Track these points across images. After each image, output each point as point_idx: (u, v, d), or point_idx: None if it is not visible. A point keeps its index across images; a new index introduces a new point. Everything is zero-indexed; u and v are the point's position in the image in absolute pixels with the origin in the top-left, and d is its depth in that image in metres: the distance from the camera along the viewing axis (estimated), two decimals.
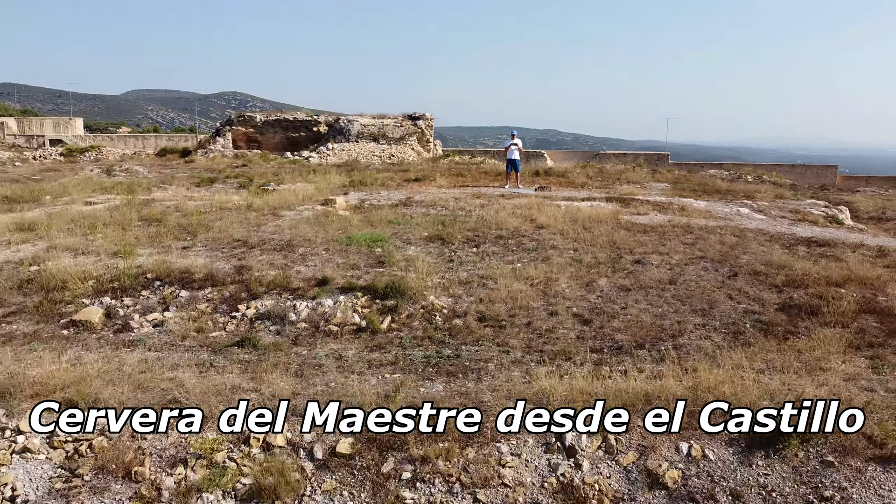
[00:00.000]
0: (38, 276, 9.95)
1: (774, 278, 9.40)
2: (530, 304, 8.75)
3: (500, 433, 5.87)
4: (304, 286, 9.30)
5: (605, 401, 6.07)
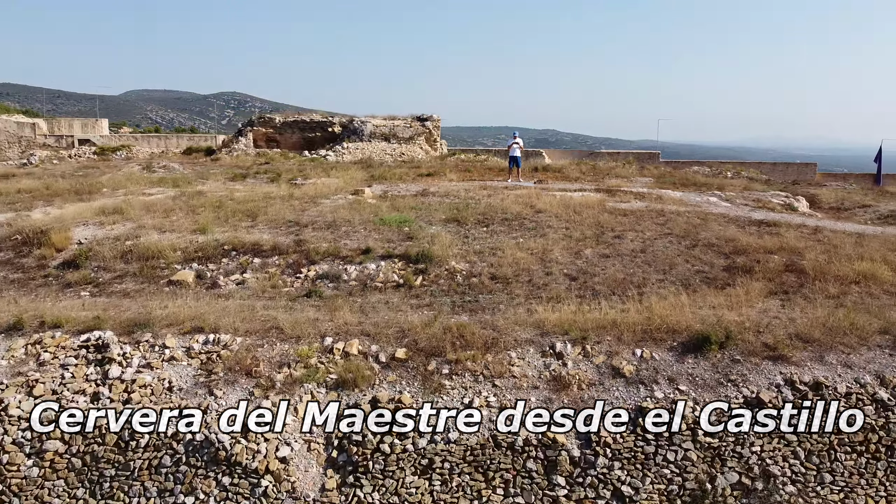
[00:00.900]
0: (135, 248, 12.38)
1: (724, 248, 11.87)
2: (530, 267, 11.20)
3: (511, 344, 8.33)
4: (351, 254, 11.74)
5: (585, 325, 8.53)
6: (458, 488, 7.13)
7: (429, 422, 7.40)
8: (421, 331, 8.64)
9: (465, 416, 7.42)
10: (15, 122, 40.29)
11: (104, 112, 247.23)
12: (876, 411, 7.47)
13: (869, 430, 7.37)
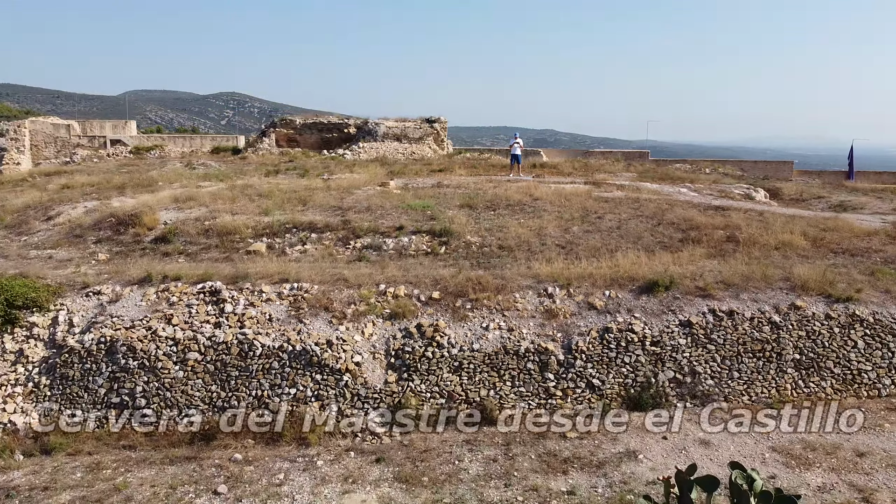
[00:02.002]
0: (213, 227, 15.52)
1: (682, 226, 15.03)
2: (529, 239, 14.35)
3: (515, 288, 11.48)
4: (388, 230, 14.90)
5: (569, 275, 11.69)
6: (479, 381, 10.29)
7: (458, 338, 10.55)
8: (449, 280, 11.80)
9: (483, 334, 10.57)
10: (51, 123, 43.31)
11: (104, 112, 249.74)
12: (771, 330, 10.64)
13: (764, 341, 10.53)
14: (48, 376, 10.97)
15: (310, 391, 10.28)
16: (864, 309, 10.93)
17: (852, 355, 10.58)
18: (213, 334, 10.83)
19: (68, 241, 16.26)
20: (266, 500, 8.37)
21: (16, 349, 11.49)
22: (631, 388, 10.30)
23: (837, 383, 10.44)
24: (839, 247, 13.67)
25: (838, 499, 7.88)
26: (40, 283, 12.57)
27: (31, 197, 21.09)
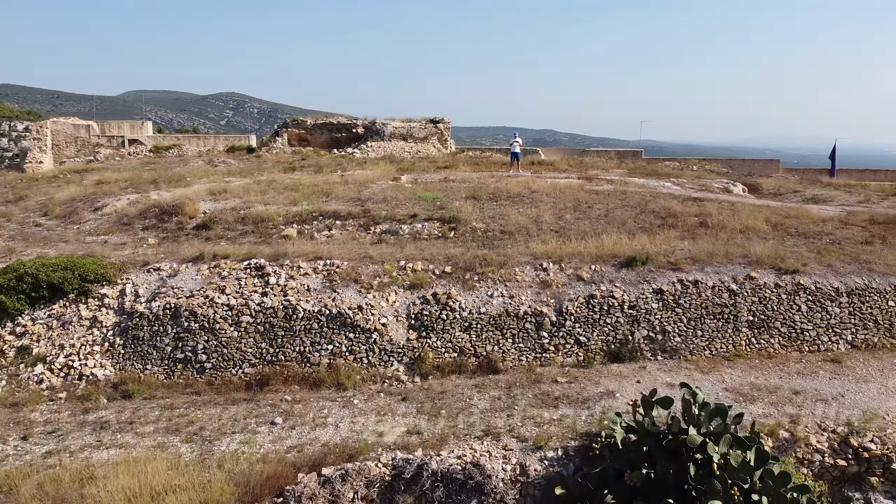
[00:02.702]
0: (248, 215, 17.58)
1: (661, 213, 17.10)
2: (528, 225, 16.41)
3: (515, 263, 13.55)
4: (403, 218, 16.96)
5: (561, 253, 13.76)
6: (485, 339, 12.34)
7: (467, 304, 12.60)
8: (459, 257, 13.86)
9: (488, 300, 12.63)
10: (72, 124, 45.33)
11: (103, 113, 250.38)
12: (729, 296, 12.70)
13: (723, 306, 12.60)
14: (121, 337, 13.03)
15: (344, 347, 12.34)
16: (808, 279, 13.00)
17: (797, 317, 12.65)
18: (261, 301, 12.89)
19: (118, 228, 18.32)
20: (315, 427, 10.43)
21: (90, 316, 13.55)
22: (612, 344, 12.36)
23: (784, 340, 12.51)
24: (796, 231, 15.76)
25: (772, 421, 9.93)
26: (107, 261, 14.64)
27: (72, 191, 23.13)
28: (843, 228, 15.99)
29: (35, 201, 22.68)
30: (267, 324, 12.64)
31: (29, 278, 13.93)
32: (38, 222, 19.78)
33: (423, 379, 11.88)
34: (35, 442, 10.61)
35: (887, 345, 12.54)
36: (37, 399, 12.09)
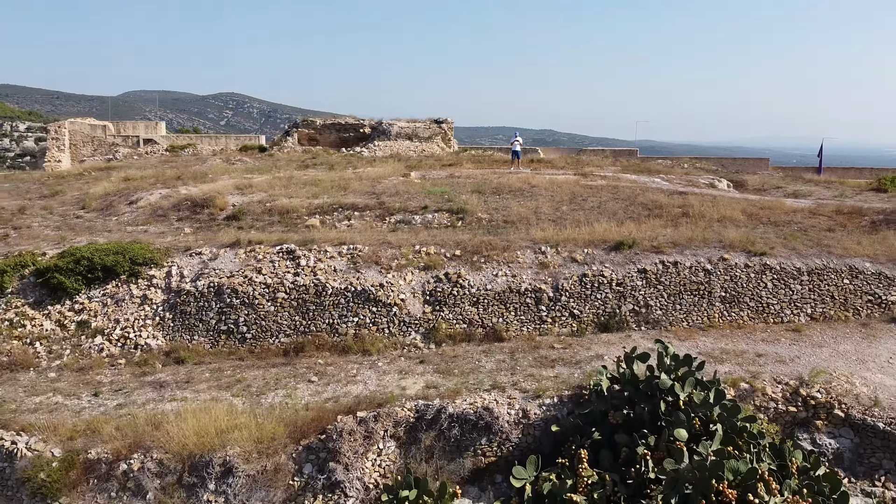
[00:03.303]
0: (273, 207, 19.35)
1: (649, 205, 18.89)
2: (528, 216, 18.20)
3: (517, 248, 15.35)
4: (415, 209, 18.75)
5: (557, 238, 15.56)
6: (491, 311, 14.14)
7: (475, 282, 14.39)
8: (467, 242, 15.66)
9: (493, 279, 14.42)
10: (89, 124, 47.07)
11: (103, 113, 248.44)
12: (704, 275, 14.50)
13: (697, 282, 14.40)
14: (170, 312, 14.81)
15: (368, 319, 14.12)
16: (774, 261, 14.80)
17: (763, 293, 14.45)
18: (293, 280, 14.67)
19: (154, 219, 20.11)
20: (346, 384, 12.21)
21: (140, 294, 15.34)
22: (601, 317, 14.15)
23: (752, 313, 14.31)
24: (768, 220, 17.56)
25: (736, 376, 11.71)
26: (153, 246, 16.43)
27: (104, 187, 24.91)
28: (810, 218, 17.80)
29: (70, 196, 24.45)
30: (300, 299, 14.42)
31: (85, 262, 15.72)
32: (79, 214, 21.56)
33: (438, 346, 13.67)
34: (105, 398, 12.39)
35: (842, 317, 14.33)
36: (100, 364, 13.87)
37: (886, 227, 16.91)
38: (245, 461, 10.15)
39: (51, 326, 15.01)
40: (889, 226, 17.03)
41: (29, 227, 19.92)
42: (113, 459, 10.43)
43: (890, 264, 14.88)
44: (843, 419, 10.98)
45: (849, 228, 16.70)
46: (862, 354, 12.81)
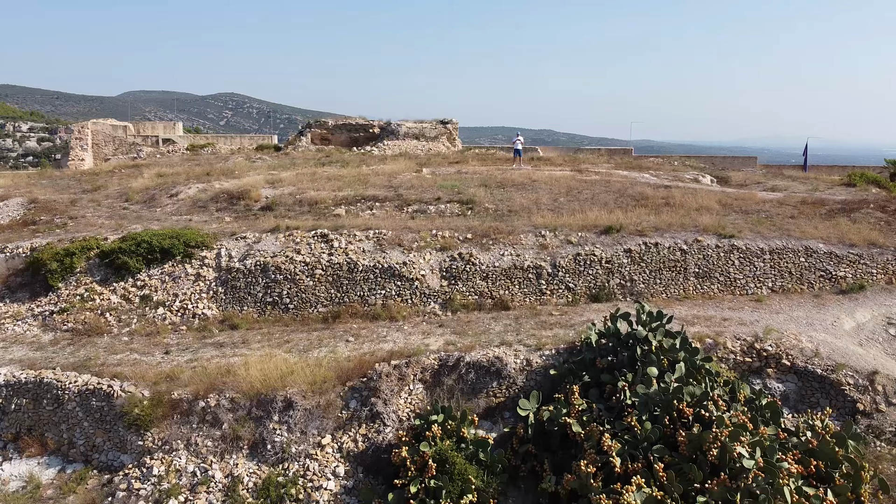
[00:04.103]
0: (303, 199, 21.77)
1: (636, 196, 21.32)
2: (529, 206, 20.63)
3: (520, 232, 17.79)
4: (429, 200, 21.17)
5: (555, 224, 18.00)
6: (498, 285, 16.56)
7: (485, 260, 16.81)
8: (477, 227, 18.08)
9: (500, 257, 16.85)
10: (110, 125, 49.41)
11: (102, 113, 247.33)
12: (681, 254, 16.93)
13: (675, 260, 16.83)
14: (222, 287, 17.22)
15: (394, 291, 16.54)
16: (741, 242, 17.23)
17: (731, 269, 16.88)
18: (329, 259, 17.09)
19: (196, 210, 22.51)
20: (379, 342, 14.62)
21: (194, 272, 17.73)
22: (592, 289, 16.58)
23: (721, 287, 16.74)
24: (740, 209, 20.00)
25: (702, 334, 14.12)
26: (202, 232, 18.84)
27: (142, 182, 27.32)
28: (777, 207, 20.23)
29: (112, 190, 26.87)
30: (334, 275, 16.84)
31: (145, 244, 18.13)
32: (125, 206, 23.98)
33: (454, 313, 16.10)
34: (175, 355, 14.81)
35: (797, 290, 16.77)
36: (164, 331, 16.29)
37: (841, 215, 19.37)
38: (302, 398, 12.58)
39: (117, 300, 17.41)
40: (843, 214, 19.49)
41: (84, 217, 22.32)
42: (193, 399, 12.84)
43: (840, 245, 17.34)
44: (789, 367, 13.38)
45: (809, 216, 19.14)
46: (811, 319, 15.24)
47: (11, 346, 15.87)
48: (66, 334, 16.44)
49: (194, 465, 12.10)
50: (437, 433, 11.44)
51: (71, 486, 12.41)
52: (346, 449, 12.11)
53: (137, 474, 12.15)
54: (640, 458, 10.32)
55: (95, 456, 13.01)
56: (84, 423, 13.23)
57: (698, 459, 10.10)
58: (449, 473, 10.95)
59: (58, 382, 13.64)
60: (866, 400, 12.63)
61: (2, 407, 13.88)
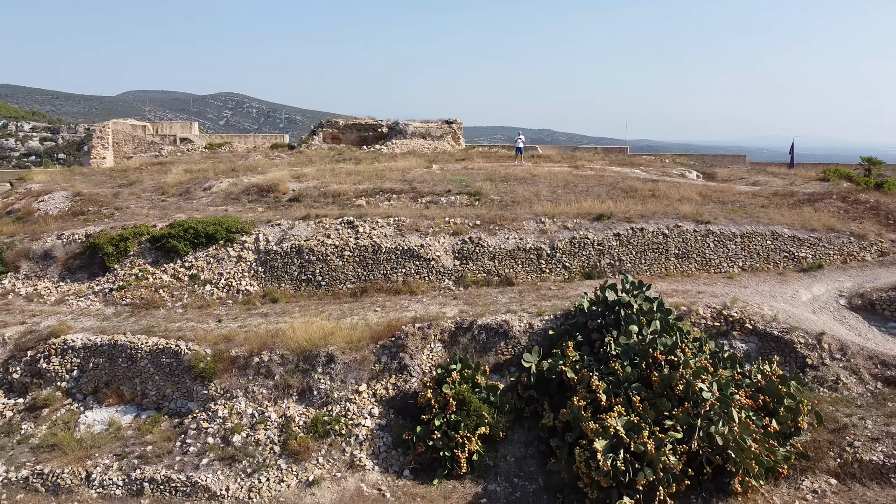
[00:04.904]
0: (327, 191, 24.21)
1: (626, 189, 23.78)
2: (530, 197, 23.09)
3: (522, 219, 20.27)
4: (441, 192, 23.63)
5: (554, 212, 20.48)
6: (504, 264, 19.02)
7: (492, 243, 19.27)
8: (484, 215, 20.53)
9: (505, 240, 19.31)
10: (130, 124, 51.77)
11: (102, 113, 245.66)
12: (663, 238, 19.39)
13: (657, 243, 19.28)
14: (262, 267, 19.66)
15: (413, 270, 18.99)
16: (716, 227, 19.70)
17: (706, 251, 19.34)
18: (356, 242, 19.54)
19: (229, 201, 24.94)
20: (402, 311, 17.05)
21: (236, 255, 20.16)
22: (586, 268, 19.03)
23: (698, 266, 19.20)
24: (718, 199, 22.47)
25: (679, 303, 16.55)
26: (241, 220, 21.28)
27: (173, 177, 29.71)
28: (751, 198, 22.70)
29: (147, 185, 29.27)
30: (361, 256, 19.29)
31: (191, 230, 20.56)
32: (163, 198, 26.40)
33: (465, 288, 18.55)
34: (227, 322, 17.25)
35: (764, 268, 19.24)
36: (213, 304, 18.72)
37: (806, 205, 21.85)
38: (342, 353, 15.04)
39: (168, 279, 19.85)
40: (808, 204, 21.97)
41: (128, 208, 24.75)
42: (248, 355, 15.30)
43: (802, 230, 19.82)
44: (751, 330, 15.84)
45: (778, 205, 21.61)
46: (774, 292, 17.71)
47: (80, 318, 18.29)
48: (126, 308, 18.87)
49: (252, 409, 14.55)
50: (456, 379, 13.90)
51: (147, 428, 14.84)
52: (379, 395, 14.57)
53: (205, 417, 14.59)
54: (622, 394, 12.79)
55: (166, 404, 15.45)
56: (155, 377, 15.68)
57: (667, 394, 12.57)
58: (466, 410, 13.42)
59: (130, 344, 16.10)
60: (814, 356, 15.08)
61: (81, 366, 16.32)
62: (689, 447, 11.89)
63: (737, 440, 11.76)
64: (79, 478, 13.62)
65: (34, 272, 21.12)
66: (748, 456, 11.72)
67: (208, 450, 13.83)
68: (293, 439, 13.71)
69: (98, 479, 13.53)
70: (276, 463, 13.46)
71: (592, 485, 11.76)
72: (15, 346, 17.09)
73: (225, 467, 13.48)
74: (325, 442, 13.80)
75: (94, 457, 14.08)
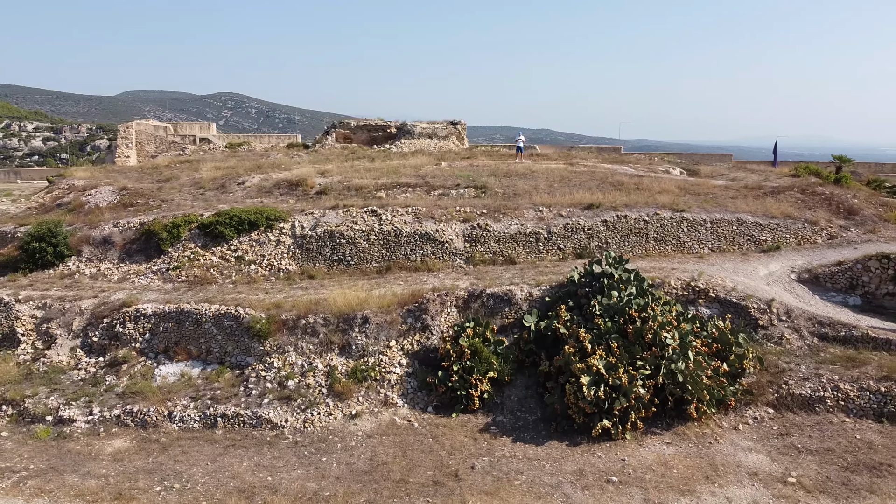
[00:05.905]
0: (350, 185, 27.39)
1: (614, 183, 26.97)
2: (530, 190, 26.28)
3: (523, 208, 23.48)
4: (451, 186, 26.82)
5: (550, 202, 23.69)
6: (508, 246, 22.21)
7: (497, 228, 22.46)
8: (490, 205, 23.72)
9: (509, 226, 22.49)
10: (152, 125, 54.96)
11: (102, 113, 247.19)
12: (643, 224, 22.57)
13: (639, 228, 22.47)
14: (298, 249, 22.83)
15: (429, 251, 22.17)
16: (689, 215, 22.90)
17: (681, 235, 22.53)
18: (380, 228, 22.71)
19: (262, 194, 28.10)
20: (422, 284, 20.21)
21: (275, 239, 23.33)
22: (577, 249, 22.22)
23: (673, 248, 22.39)
24: (694, 192, 25.67)
25: (654, 276, 19.71)
26: (278, 209, 24.45)
27: (206, 174, 32.84)
28: (724, 191, 25.90)
29: (184, 180, 32.41)
30: (384, 239, 22.46)
31: (235, 218, 23.72)
32: (202, 192, 29.55)
33: (474, 266, 21.74)
34: (273, 294, 20.41)
35: (730, 250, 22.44)
36: (258, 280, 21.88)
37: (770, 196, 25.05)
38: (375, 316, 18.22)
39: (217, 260, 23.01)
40: (772, 195, 25.17)
41: (173, 200, 27.90)
42: (296, 318, 18.46)
43: (763, 217, 23.03)
44: (714, 298, 19.01)
45: (745, 196, 24.81)
46: (736, 269, 20.91)
47: (144, 292, 21.44)
48: (183, 284, 22.03)
49: (302, 360, 17.72)
50: (470, 333, 17.09)
51: (213, 377, 18.00)
52: (406, 349, 17.75)
53: (262, 367, 17.76)
54: (603, 343, 15.97)
55: (228, 359, 18.62)
56: (218, 337, 18.85)
57: (639, 342, 15.76)
58: (478, 358, 16.60)
59: (195, 310, 19.27)
60: (765, 318, 18.26)
61: (152, 329, 19.49)
62: (655, 382, 15.07)
63: (692, 376, 14.95)
64: (162, 415, 16.79)
65: (95, 255, 24.27)
66: (702, 388, 14.91)
67: (268, 392, 17.01)
68: (337, 383, 16.89)
69: (178, 416, 16.69)
70: (324, 401, 16.64)
71: (579, 412, 14.94)
72: (91, 314, 20.25)
73: (283, 405, 16.65)
74: (364, 385, 16.98)
75: (172, 399, 17.25)
